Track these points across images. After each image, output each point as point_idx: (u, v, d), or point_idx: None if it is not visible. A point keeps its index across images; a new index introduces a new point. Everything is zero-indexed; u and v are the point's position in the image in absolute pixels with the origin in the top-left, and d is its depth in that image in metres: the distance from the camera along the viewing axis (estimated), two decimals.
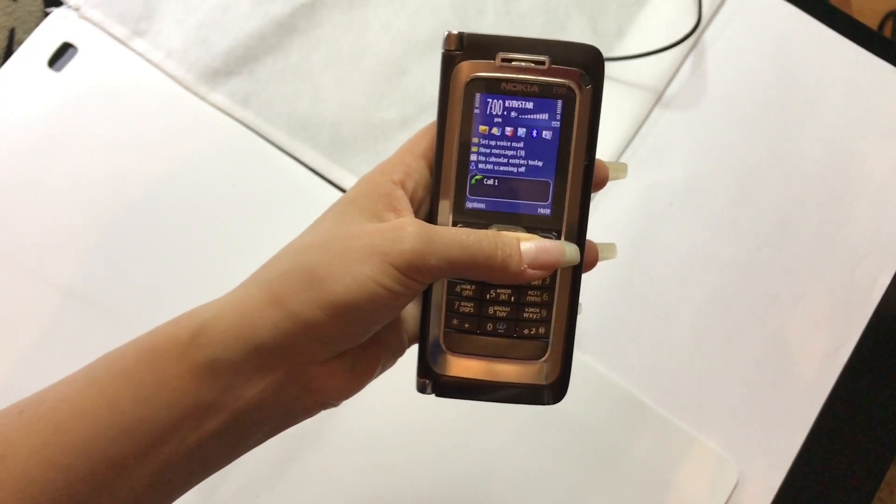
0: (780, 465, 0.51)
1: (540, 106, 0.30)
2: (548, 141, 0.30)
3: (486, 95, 0.30)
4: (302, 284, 0.26)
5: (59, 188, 0.52)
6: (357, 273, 0.26)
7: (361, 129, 0.55)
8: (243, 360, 0.26)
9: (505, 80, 0.30)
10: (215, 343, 0.26)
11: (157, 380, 0.26)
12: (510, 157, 0.31)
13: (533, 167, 0.31)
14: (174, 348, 0.27)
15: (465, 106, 0.30)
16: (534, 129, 0.31)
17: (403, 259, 0.26)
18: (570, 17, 0.58)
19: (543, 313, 0.32)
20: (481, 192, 0.31)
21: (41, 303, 0.50)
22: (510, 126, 0.30)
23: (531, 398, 0.32)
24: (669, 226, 0.55)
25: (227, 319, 0.27)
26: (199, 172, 0.53)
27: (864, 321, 0.53)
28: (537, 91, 0.30)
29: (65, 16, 0.56)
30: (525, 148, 0.31)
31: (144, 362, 0.27)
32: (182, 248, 0.52)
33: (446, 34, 0.30)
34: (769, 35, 0.59)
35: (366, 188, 0.29)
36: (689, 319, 0.53)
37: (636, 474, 0.50)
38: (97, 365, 0.28)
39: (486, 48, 0.30)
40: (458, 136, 0.30)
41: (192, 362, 0.26)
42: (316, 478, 0.49)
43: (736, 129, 0.57)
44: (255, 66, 0.55)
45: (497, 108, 0.30)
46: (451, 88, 0.30)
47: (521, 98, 0.30)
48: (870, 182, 0.56)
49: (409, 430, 0.50)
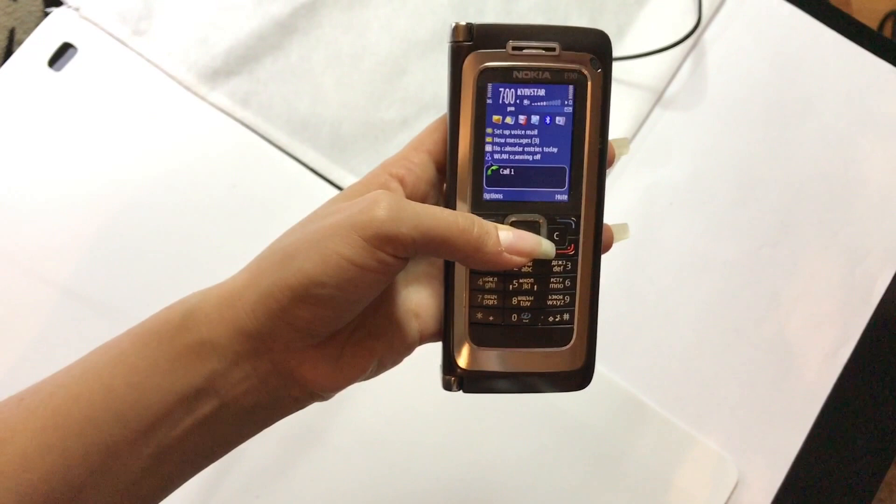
0: (780, 465, 0.51)
1: (552, 92, 0.30)
2: (561, 127, 0.30)
3: (498, 85, 0.30)
4: (275, 264, 0.26)
5: (59, 188, 0.52)
6: (323, 248, 0.25)
7: (361, 129, 0.55)
8: (227, 343, 0.27)
9: (517, 68, 0.30)
10: (202, 325, 0.27)
11: (149, 364, 0.27)
12: (525, 146, 0.30)
13: (548, 154, 0.30)
14: (166, 332, 0.27)
15: (478, 97, 0.30)
16: (547, 116, 0.30)
17: (372, 229, 0.25)
18: (570, 17, 0.58)
19: (567, 300, 0.31)
20: (498, 182, 0.30)
21: (41, 303, 0.50)
22: (524, 114, 0.30)
23: (559, 385, 0.32)
24: (669, 226, 0.55)
25: (212, 301, 0.27)
26: (198, 172, 0.53)
27: (864, 321, 0.53)
28: (549, 77, 0.30)
29: (65, 16, 0.56)
30: (539, 135, 0.30)
31: (138, 346, 0.27)
32: (182, 248, 0.52)
33: (454, 25, 0.30)
34: (769, 35, 0.59)
35: (362, 180, 0.30)
36: (689, 319, 0.53)
37: (636, 474, 0.50)
38: (94, 352, 0.28)
39: (495, 37, 0.30)
40: (471, 128, 0.30)
41: (183, 345, 0.27)
42: (316, 478, 0.49)
43: (736, 128, 0.57)
44: (255, 66, 0.55)
45: (510, 97, 0.30)
46: (462, 80, 0.30)
47: (533, 86, 0.30)
48: (870, 182, 0.56)
49: (410, 430, 0.50)
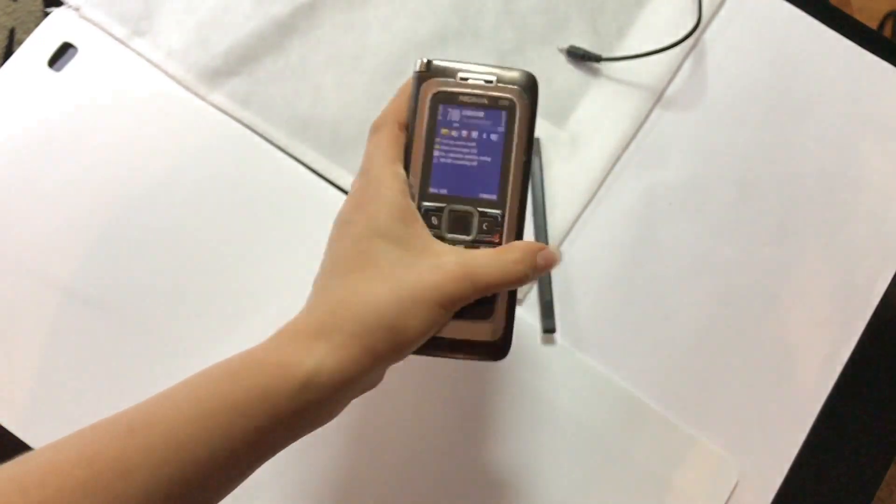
0: (780, 465, 0.51)
1: (488, 114, 0.39)
2: (494, 141, 0.39)
3: (446, 105, 0.39)
4: (388, 342, 0.33)
5: (60, 188, 0.52)
6: (420, 322, 0.33)
7: (361, 129, 0.55)
8: (343, 402, 0.34)
9: (462, 93, 0.39)
10: (322, 390, 0.31)
11: (270, 417, 0.31)
12: (465, 154, 0.39)
13: (483, 161, 0.39)
14: (286, 391, 0.31)
15: (431, 114, 0.38)
16: (484, 132, 0.39)
17: (451, 301, 0.34)
18: (570, 17, 0.58)
19: None
20: (442, 179, 0.38)
21: (41, 303, 0.50)
22: (465, 129, 0.39)
23: (482, 353, 0.39)
24: (669, 226, 0.55)
25: (330, 372, 0.32)
26: (199, 173, 0.53)
27: (864, 321, 0.53)
28: (486, 103, 0.39)
29: (65, 16, 0.56)
30: (477, 146, 0.38)
31: (257, 401, 0.31)
32: (182, 248, 0.52)
33: (417, 61, 0.39)
34: (769, 35, 0.59)
35: (383, 209, 0.35)
36: (689, 319, 0.53)
37: (636, 474, 0.50)
38: (205, 395, 0.31)
39: (448, 71, 0.39)
40: (424, 137, 0.38)
41: (303, 404, 0.31)
42: (316, 478, 0.49)
43: (736, 129, 0.57)
44: (255, 67, 0.55)
45: (455, 115, 0.39)
46: (419, 100, 0.38)
47: (474, 108, 0.39)
48: (870, 182, 0.56)
49: (409, 429, 0.50)
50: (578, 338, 0.52)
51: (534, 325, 0.52)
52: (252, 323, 0.51)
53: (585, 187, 0.55)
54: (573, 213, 0.54)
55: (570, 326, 0.52)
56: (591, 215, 0.54)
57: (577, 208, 0.54)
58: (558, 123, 0.56)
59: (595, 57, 0.56)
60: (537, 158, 0.54)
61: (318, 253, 0.56)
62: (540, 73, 0.57)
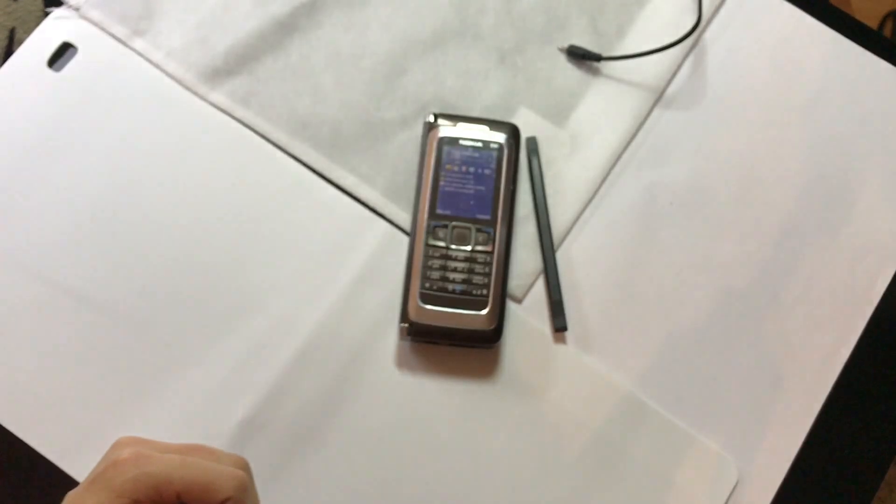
0: (780, 465, 0.51)
1: (482, 154, 0.51)
2: (488, 175, 0.51)
3: (449, 147, 0.51)
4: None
5: (60, 188, 0.52)
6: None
7: (361, 128, 0.55)
8: None
9: (461, 138, 0.52)
10: None
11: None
12: (465, 184, 0.51)
13: (479, 190, 0.51)
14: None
15: (437, 154, 0.51)
16: (479, 168, 0.51)
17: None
18: (570, 17, 0.58)
19: (485, 280, 0.49)
20: (447, 203, 0.51)
21: (41, 302, 0.50)
22: (465, 165, 0.51)
23: (477, 340, 0.49)
24: (669, 226, 0.55)
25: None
26: (198, 172, 0.53)
27: (864, 321, 0.53)
28: (481, 146, 0.51)
29: (65, 16, 0.56)
30: (474, 178, 0.51)
31: None
32: (182, 248, 0.52)
33: (428, 115, 0.52)
34: (769, 35, 0.59)
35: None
36: (689, 319, 0.53)
37: (636, 474, 0.50)
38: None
39: (451, 120, 0.52)
40: (432, 171, 0.51)
41: None
42: (316, 478, 0.49)
43: (736, 128, 0.57)
44: (255, 66, 0.55)
45: (457, 154, 0.51)
46: (428, 144, 0.52)
47: (471, 150, 0.51)
48: (870, 182, 0.56)
49: (409, 429, 0.50)
50: (578, 337, 0.52)
51: (535, 326, 0.52)
52: (252, 323, 0.51)
53: (586, 187, 0.55)
54: (574, 212, 0.54)
55: (569, 326, 0.52)
56: (592, 215, 0.54)
57: (578, 208, 0.54)
58: (559, 123, 0.56)
59: (595, 56, 0.56)
60: (536, 158, 0.54)
61: (317, 252, 0.56)
62: (540, 72, 0.58)
